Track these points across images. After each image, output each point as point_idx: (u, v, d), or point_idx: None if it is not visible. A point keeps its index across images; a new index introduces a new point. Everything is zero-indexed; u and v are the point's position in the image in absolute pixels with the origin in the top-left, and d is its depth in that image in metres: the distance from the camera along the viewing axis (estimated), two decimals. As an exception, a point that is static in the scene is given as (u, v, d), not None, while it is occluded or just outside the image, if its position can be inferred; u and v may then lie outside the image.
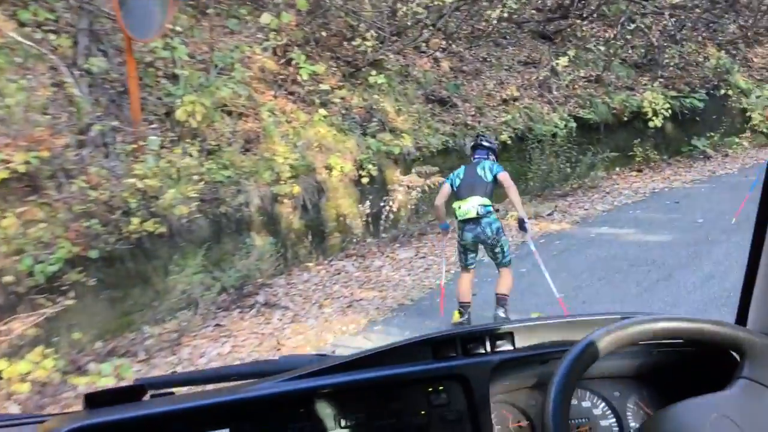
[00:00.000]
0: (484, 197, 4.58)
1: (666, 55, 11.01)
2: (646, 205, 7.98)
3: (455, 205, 4.66)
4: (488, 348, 1.09)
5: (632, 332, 0.88)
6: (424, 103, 8.36)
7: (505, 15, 9.56)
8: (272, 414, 1.00)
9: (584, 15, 10.95)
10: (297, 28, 7.39)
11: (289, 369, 1.06)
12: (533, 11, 11.11)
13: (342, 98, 7.33)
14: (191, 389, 1.43)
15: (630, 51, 11.27)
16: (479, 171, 4.70)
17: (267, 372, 1.10)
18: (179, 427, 0.95)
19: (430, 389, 1.08)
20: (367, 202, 6.74)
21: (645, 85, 10.55)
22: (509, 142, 8.46)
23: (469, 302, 4.74)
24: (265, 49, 6.89)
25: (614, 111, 9.86)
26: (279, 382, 1.01)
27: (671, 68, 10.92)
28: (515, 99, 9.34)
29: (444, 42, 9.35)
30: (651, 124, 9.89)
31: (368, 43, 7.67)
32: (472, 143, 5.23)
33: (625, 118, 9.95)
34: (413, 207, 7.17)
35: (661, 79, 10.77)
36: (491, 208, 4.61)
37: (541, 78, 9.77)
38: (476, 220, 4.56)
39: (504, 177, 4.64)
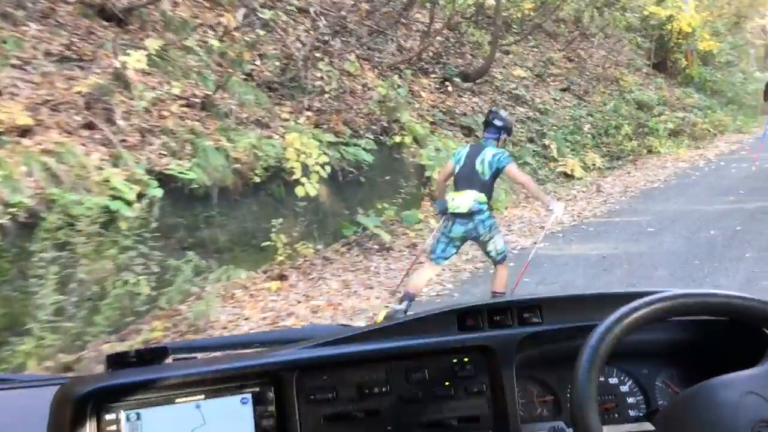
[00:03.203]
0: (481, 192, 4.75)
1: (317, 76, 7.70)
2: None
3: (450, 196, 4.89)
4: (515, 321, 1.19)
5: (663, 307, 0.93)
6: None
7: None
8: (295, 380, 1.08)
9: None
10: None
11: (313, 337, 1.17)
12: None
13: None
14: (214, 355, 1.44)
15: (260, 60, 7.64)
16: (478, 164, 4.81)
17: (291, 340, 1.22)
18: (200, 390, 1.03)
19: (455, 360, 1.16)
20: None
21: (286, 120, 7.00)
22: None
23: (416, 296, 4.94)
24: None
25: (238, 165, 5.99)
26: (302, 349, 1.11)
27: (326, 97, 7.63)
28: (26, 131, 4.76)
29: None
30: (301, 191, 6.30)
31: None
32: (485, 118, 5.29)
33: (257, 179, 6.17)
34: None
35: (310, 113, 7.39)
36: (486, 205, 4.78)
37: (92, 90, 5.36)
38: (468, 216, 4.74)
39: (511, 171, 4.83)
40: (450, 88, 10.75)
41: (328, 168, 6.68)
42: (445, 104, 10.51)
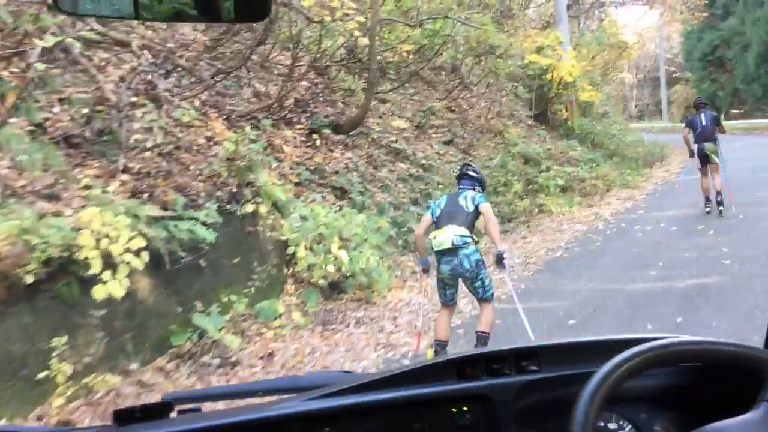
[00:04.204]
0: (462, 227, 4.97)
1: (139, 128, 5.97)
2: None
3: (432, 235, 5.12)
4: (513, 368, 1.23)
5: (659, 355, 0.98)
6: None
7: None
8: None
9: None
10: None
11: (315, 386, 1.22)
12: None
13: None
14: (218, 405, 1.60)
15: (59, 106, 5.81)
16: (461, 200, 5.15)
17: (293, 388, 1.29)
18: None
19: (455, 410, 1.22)
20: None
21: (88, 188, 5.18)
22: None
23: (446, 341, 5.06)
24: None
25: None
26: (305, 401, 1.16)
27: (149, 155, 5.90)
28: None
29: None
30: (101, 292, 4.51)
31: None
32: (458, 172, 5.73)
33: (31, 278, 4.32)
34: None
35: (127, 176, 5.62)
36: (469, 239, 4.97)
37: None
38: (452, 252, 4.91)
39: (485, 208, 5.17)
40: (319, 142, 9.26)
41: (145, 255, 4.90)
42: (313, 161, 8.99)
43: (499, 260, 5.17)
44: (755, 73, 34.74)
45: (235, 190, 6.65)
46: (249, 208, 6.48)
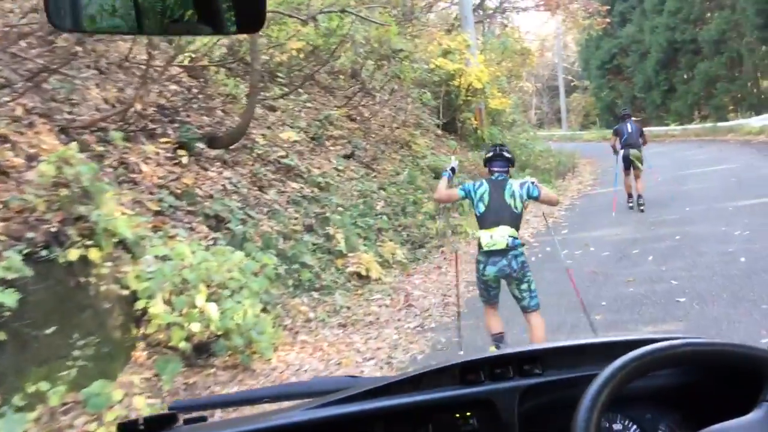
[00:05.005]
0: (514, 228, 4.85)
1: None
2: None
3: (479, 233, 4.95)
4: (516, 372, 1.24)
5: (662, 357, 1.00)
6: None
7: None
8: None
9: None
10: None
11: (319, 391, 1.28)
12: None
13: None
14: (223, 414, 1.61)
15: None
16: (508, 198, 4.90)
17: (298, 394, 1.35)
18: None
19: (458, 415, 1.23)
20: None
21: None
22: None
23: (503, 333, 5.09)
24: None
25: None
26: (310, 410, 1.18)
27: None
28: None
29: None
30: None
31: None
32: (490, 153, 5.29)
33: None
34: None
35: None
36: (520, 241, 4.90)
37: None
38: (504, 253, 4.78)
39: (544, 194, 5.09)
40: (186, 159, 7.61)
41: None
42: (181, 182, 7.33)
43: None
44: (654, 80, 35.46)
45: (56, 228, 4.94)
46: (72, 254, 4.77)
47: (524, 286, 4.87)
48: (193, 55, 10.04)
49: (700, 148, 22.17)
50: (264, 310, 6.10)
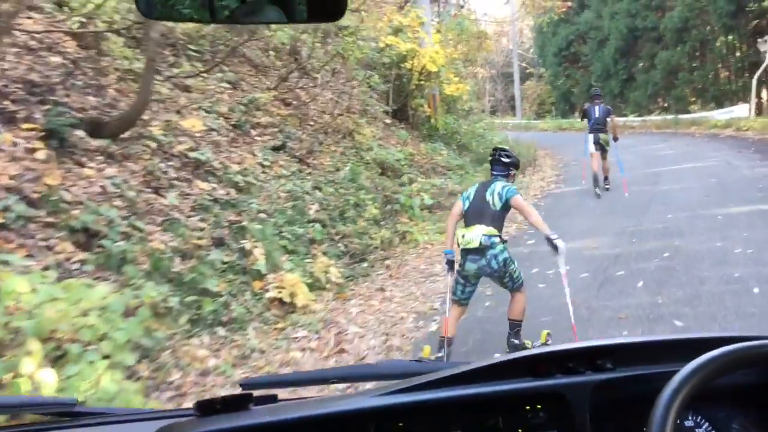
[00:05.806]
0: (490, 226, 4.88)
1: None
2: None
3: (458, 232, 5.03)
4: (588, 367, 1.22)
5: (749, 355, 0.98)
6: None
7: None
8: (373, 428, 1.15)
9: None
10: None
11: (387, 374, 1.34)
12: None
13: None
14: (294, 394, 1.61)
15: None
16: (488, 196, 5.01)
17: (366, 376, 1.47)
18: None
19: (528, 407, 1.21)
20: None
21: None
22: None
23: (451, 338, 4.96)
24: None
25: None
26: (379, 396, 1.17)
27: None
28: None
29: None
30: None
31: None
32: (490, 158, 5.47)
33: None
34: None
35: None
36: (497, 239, 4.89)
37: None
38: (480, 251, 4.84)
39: (517, 203, 4.99)
40: (51, 151, 5.85)
41: None
42: (41, 183, 5.59)
43: (550, 243, 4.94)
44: (613, 69, 34.55)
45: None
46: None
47: (507, 279, 5.00)
48: (84, 20, 8.25)
49: (664, 141, 21.09)
50: (132, 371, 4.43)
